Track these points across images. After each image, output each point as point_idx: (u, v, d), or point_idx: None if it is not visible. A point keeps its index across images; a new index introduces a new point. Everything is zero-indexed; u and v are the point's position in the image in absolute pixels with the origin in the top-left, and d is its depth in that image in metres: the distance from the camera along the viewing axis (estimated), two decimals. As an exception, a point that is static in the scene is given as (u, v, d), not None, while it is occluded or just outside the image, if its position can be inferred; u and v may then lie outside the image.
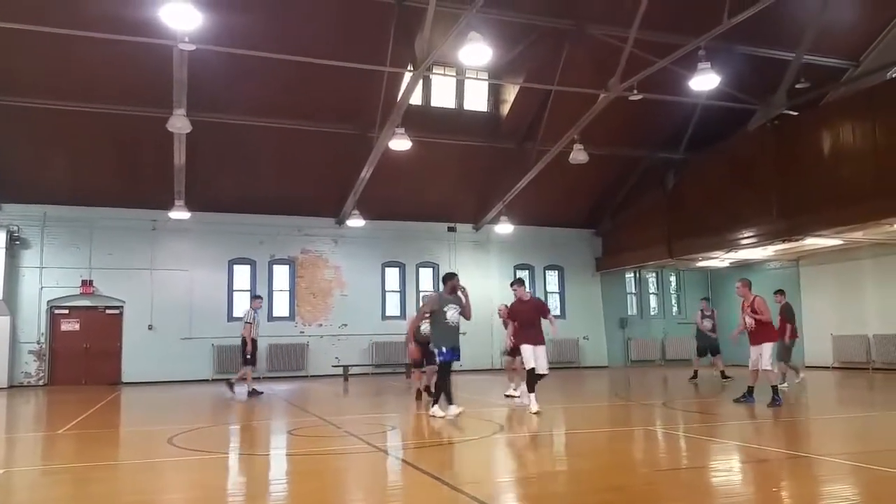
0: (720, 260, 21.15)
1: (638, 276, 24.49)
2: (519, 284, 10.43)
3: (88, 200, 18.22)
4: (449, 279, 9.54)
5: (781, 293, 13.54)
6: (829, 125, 15.76)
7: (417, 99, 18.12)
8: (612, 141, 18.89)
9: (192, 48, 12.28)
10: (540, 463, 6.78)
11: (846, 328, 18.97)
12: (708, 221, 18.63)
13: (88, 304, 18.56)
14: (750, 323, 10.27)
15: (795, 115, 16.83)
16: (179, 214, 17.89)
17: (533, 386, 9.83)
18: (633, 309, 24.38)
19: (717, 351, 15.48)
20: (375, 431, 8.62)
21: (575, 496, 5.28)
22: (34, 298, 18.01)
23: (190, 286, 19.18)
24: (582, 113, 16.10)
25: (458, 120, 19.19)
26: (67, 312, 18.44)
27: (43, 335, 18.02)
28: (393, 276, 21.68)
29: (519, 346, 10.03)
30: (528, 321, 9.99)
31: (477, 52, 11.78)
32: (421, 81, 15.68)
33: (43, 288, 18.10)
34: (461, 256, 21.79)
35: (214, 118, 16.10)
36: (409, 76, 14.54)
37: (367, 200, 18.97)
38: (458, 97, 19.65)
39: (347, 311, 20.65)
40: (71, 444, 8.30)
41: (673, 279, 25.00)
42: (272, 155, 18.10)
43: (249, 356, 13.99)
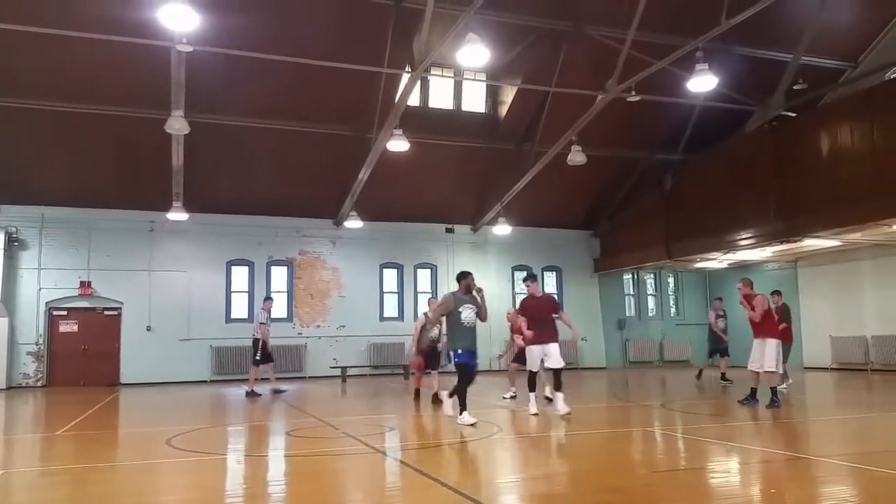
0: (718, 261, 21.16)
1: (636, 277, 24.51)
2: (532, 280, 10.26)
3: (87, 202, 18.22)
4: (463, 278, 9.15)
5: (778, 294, 13.56)
6: (827, 126, 15.78)
7: (415, 100, 18.11)
8: (610, 142, 18.87)
9: (189, 49, 12.28)
10: (538, 464, 6.78)
11: (844, 329, 18.99)
12: (706, 222, 18.64)
13: (87, 305, 18.55)
14: (752, 316, 10.31)
15: (793, 116, 16.82)
16: (177, 216, 17.87)
17: (533, 386, 9.79)
18: (631, 310, 24.41)
19: (725, 353, 15.41)
20: (374, 433, 8.61)
21: (573, 497, 5.29)
22: (32, 300, 18.00)
23: (188, 287, 19.18)
24: (580, 114, 16.10)
25: (455, 121, 19.19)
26: (66, 314, 18.43)
27: (41, 336, 18.01)
28: (391, 277, 21.68)
29: (527, 346, 9.77)
30: (539, 318, 9.75)
31: (475, 53, 11.76)
32: (419, 82, 15.67)
33: (41, 289, 18.10)
34: (459, 257, 21.77)
35: (212, 119, 16.09)
36: (406, 77, 14.54)
37: (365, 202, 18.97)
38: (455, 98, 19.66)
39: (345, 312, 20.65)
40: (69, 445, 8.29)
41: (671, 280, 25.03)
42: (270, 156, 18.10)
43: (260, 357, 14.03)
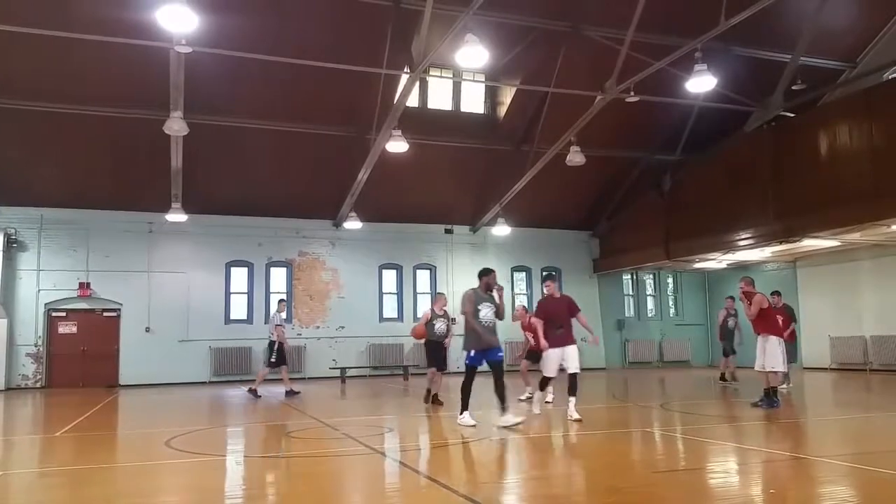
0: (717, 262, 21.16)
1: (635, 277, 24.51)
2: (551, 281, 10.15)
3: (85, 203, 18.22)
4: (485, 275, 8.71)
5: (777, 294, 13.55)
6: (826, 126, 15.78)
7: (414, 101, 18.13)
8: (608, 143, 18.88)
9: (188, 50, 12.28)
10: (538, 464, 6.77)
11: (843, 329, 19.00)
12: (705, 223, 18.63)
13: (86, 306, 18.55)
14: (747, 313, 10.35)
15: (792, 116, 16.85)
16: (176, 217, 17.86)
17: (544, 387, 9.94)
18: (630, 311, 24.41)
19: (733, 352, 15.28)
20: (373, 433, 8.60)
21: (573, 497, 5.28)
22: (31, 301, 18.00)
23: (187, 289, 19.17)
24: (579, 115, 16.11)
25: (454, 122, 19.21)
26: (65, 315, 18.43)
27: (40, 338, 18.00)
28: (390, 278, 21.67)
29: (543, 349, 9.59)
30: (559, 320, 9.61)
31: (474, 54, 11.77)
32: (418, 83, 15.66)
33: (40, 290, 18.09)
34: (458, 258, 21.78)
35: (211, 120, 16.09)
36: (405, 78, 14.54)
37: (364, 202, 18.96)
38: (454, 99, 19.67)
39: (344, 313, 20.64)
40: (68, 446, 8.27)
41: (670, 281, 25.03)
42: (269, 157, 18.10)
43: (276, 359, 14.00)
